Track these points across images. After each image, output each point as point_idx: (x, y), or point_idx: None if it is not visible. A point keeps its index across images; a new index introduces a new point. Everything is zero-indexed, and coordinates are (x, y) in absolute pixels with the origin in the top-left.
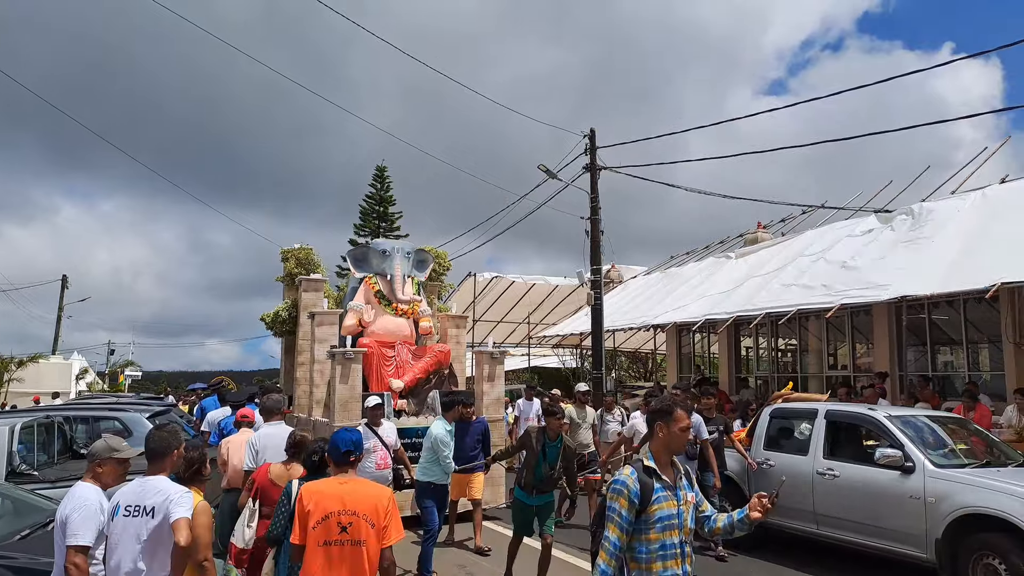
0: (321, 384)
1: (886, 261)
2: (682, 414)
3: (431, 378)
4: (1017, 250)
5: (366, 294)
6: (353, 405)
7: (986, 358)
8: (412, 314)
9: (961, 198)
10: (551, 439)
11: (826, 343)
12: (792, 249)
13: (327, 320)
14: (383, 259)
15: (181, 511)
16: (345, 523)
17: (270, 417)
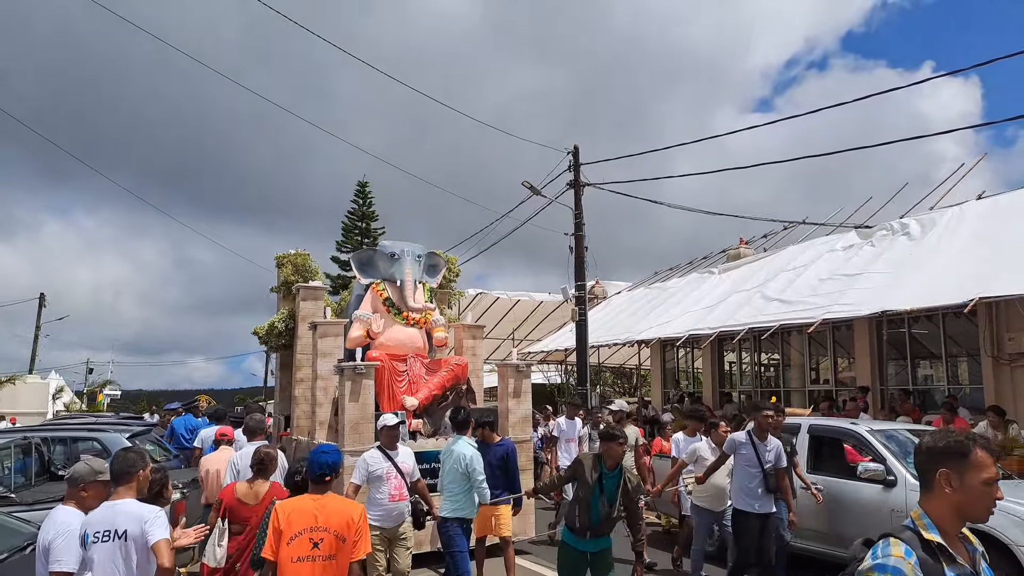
0: (325, 403)
1: (866, 276)
2: (985, 458)
3: (447, 395)
4: (994, 265)
5: (373, 302)
6: (364, 427)
7: (965, 371)
8: (425, 324)
9: (940, 214)
10: (608, 469)
11: (808, 358)
12: (774, 265)
13: (331, 331)
14: (391, 263)
15: (160, 532)
16: (317, 539)
17: (253, 437)
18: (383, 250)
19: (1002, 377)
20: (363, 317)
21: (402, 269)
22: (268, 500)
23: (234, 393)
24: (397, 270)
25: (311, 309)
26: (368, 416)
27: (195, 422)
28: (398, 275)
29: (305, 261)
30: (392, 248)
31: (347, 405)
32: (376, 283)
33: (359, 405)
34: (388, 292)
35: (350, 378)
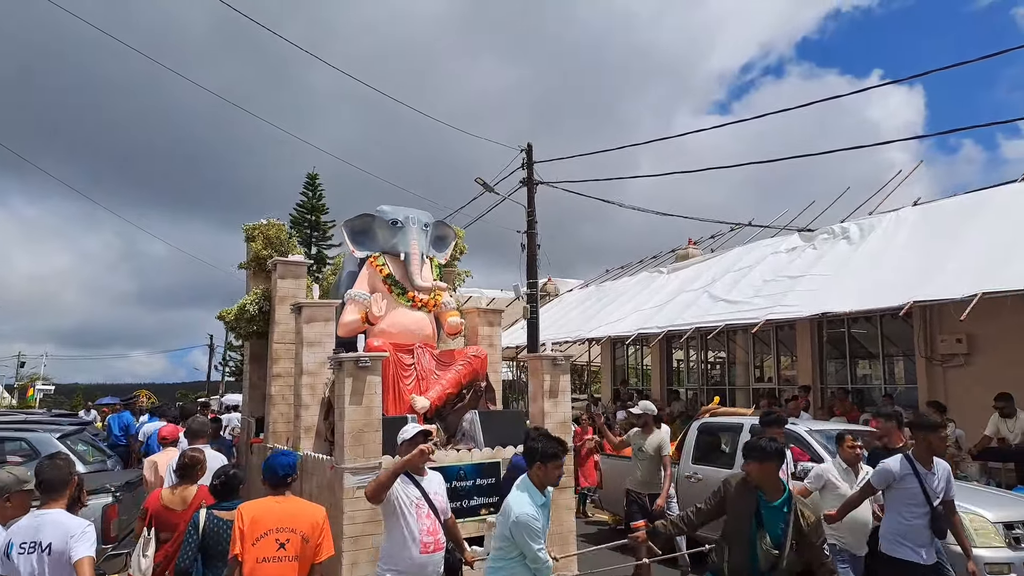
0: (312, 404)
1: (809, 278)
2: None
3: (464, 394)
4: (928, 269)
5: (371, 279)
6: (369, 436)
7: (901, 371)
8: (434, 307)
9: (878, 219)
10: (769, 499)
11: (753, 356)
12: (721, 265)
13: (319, 315)
14: (393, 232)
15: (84, 549)
16: (283, 540)
17: (195, 440)
18: (382, 216)
19: (934, 377)
20: (359, 297)
21: (407, 239)
22: (196, 504)
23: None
24: (401, 240)
25: (291, 288)
26: (374, 422)
27: (130, 419)
28: (402, 246)
29: (279, 233)
30: (394, 214)
31: (347, 408)
32: (374, 256)
33: (363, 408)
34: (389, 267)
35: (351, 373)
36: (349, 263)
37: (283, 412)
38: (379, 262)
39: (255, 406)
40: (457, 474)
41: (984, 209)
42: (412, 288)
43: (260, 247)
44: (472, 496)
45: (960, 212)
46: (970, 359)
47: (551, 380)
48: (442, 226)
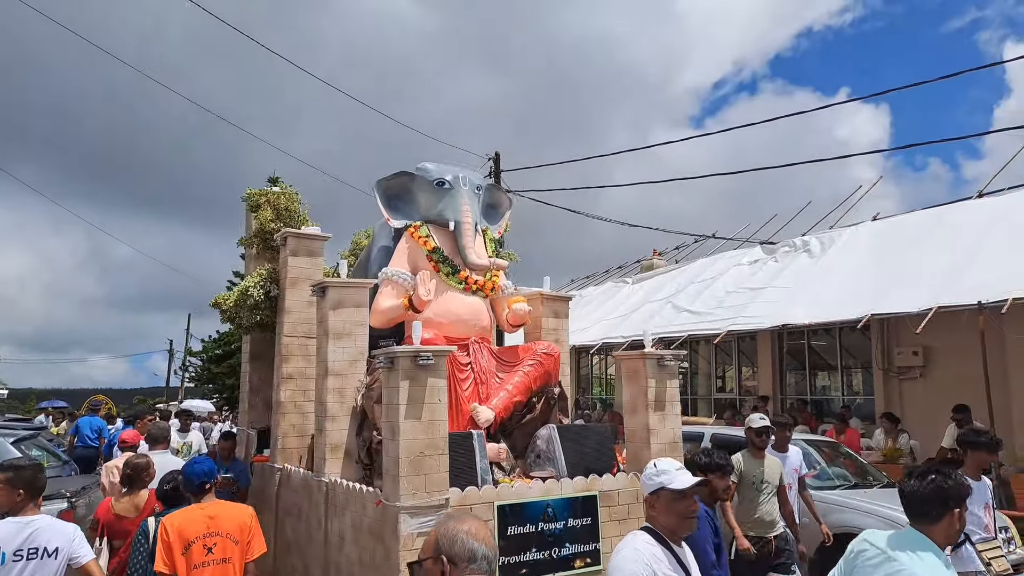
0: (340, 415)
1: (770, 290)
2: None
3: (533, 402)
4: (886, 283)
5: (412, 255)
6: (433, 462)
7: (859, 383)
8: (491, 290)
9: (838, 233)
10: None
11: (715, 366)
12: (684, 276)
13: (351, 298)
14: (439, 196)
15: (88, 552)
16: (211, 544)
17: (155, 445)
18: (425, 175)
19: (891, 388)
20: (398, 277)
21: (457, 204)
22: (148, 509)
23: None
24: (449, 206)
25: (306, 268)
26: (438, 442)
27: (102, 423)
28: (451, 213)
29: (291, 202)
30: (440, 173)
31: (402, 423)
32: (415, 226)
33: (424, 424)
34: (434, 240)
35: (409, 375)
36: (381, 235)
37: (295, 424)
38: (422, 233)
39: (255, 415)
40: (543, 513)
41: (940, 225)
42: (465, 266)
43: (268, 218)
44: (563, 543)
45: (917, 228)
46: (926, 371)
47: (657, 386)
48: (495, 191)
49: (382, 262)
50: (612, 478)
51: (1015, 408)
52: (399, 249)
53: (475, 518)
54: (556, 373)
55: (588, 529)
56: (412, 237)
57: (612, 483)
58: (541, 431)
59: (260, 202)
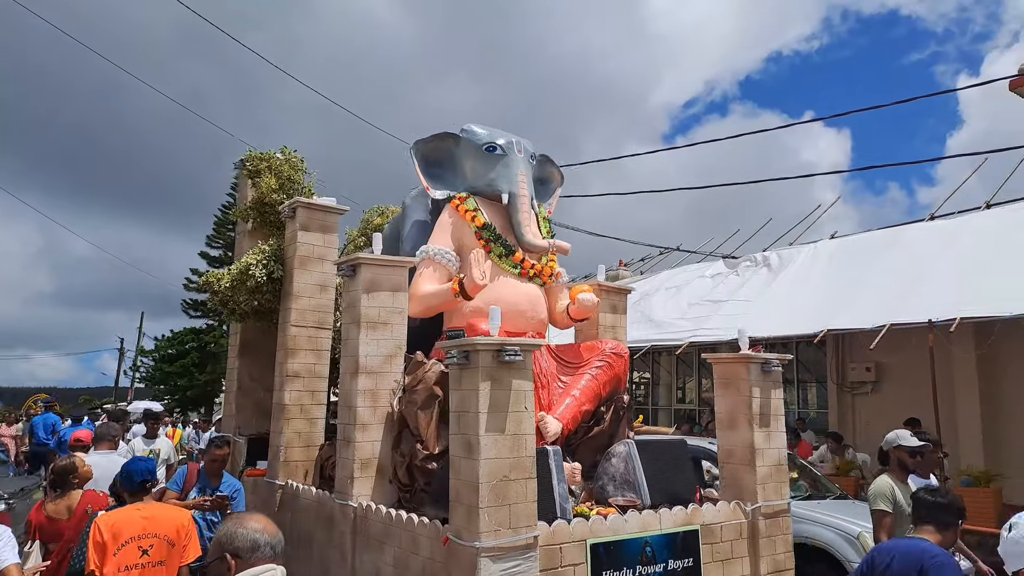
0: (373, 424)
1: (731, 304)
2: None
3: (601, 412)
4: (841, 299)
5: (457, 231)
6: (520, 488)
7: (814, 396)
8: (550, 277)
9: (798, 250)
10: None
11: (675, 378)
12: (648, 287)
13: (388, 279)
14: (490, 163)
15: (12, 556)
16: (146, 546)
17: (99, 445)
18: (472, 138)
19: (844, 403)
20: (441, 257)
21: (512, 174)
22: (82, 510)
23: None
24: (502, 175)
25: (318, 247)
26: (525, 464)
27: (56, 420)
28: (504, 183)
29: (293, 170)
30: (490, 137)
31: (482, 438)
32: (460, 197)
33: (509, 439)
34: (483, 216)
35: (492, 374)
36: (415, 208)
37: (300, 431)
38: (468, 206)
39: (244, 420)
40: (642, 553)
41: (895, 245)
42: (523, 247)
43: (270, 186)
44: None
45: (873, 247)
46: (878, 387)
47: (762, 397)
48: (546, 164)
49: (417, 240)
50: (714, 509)
51: (961, 423)
52: (441, 224)
53: (253, 515)
54: (625, 378)
55: (690, 573)
56: (457, 211)
57: (714, 515)
58: (617, 448)
59: (260, 168)
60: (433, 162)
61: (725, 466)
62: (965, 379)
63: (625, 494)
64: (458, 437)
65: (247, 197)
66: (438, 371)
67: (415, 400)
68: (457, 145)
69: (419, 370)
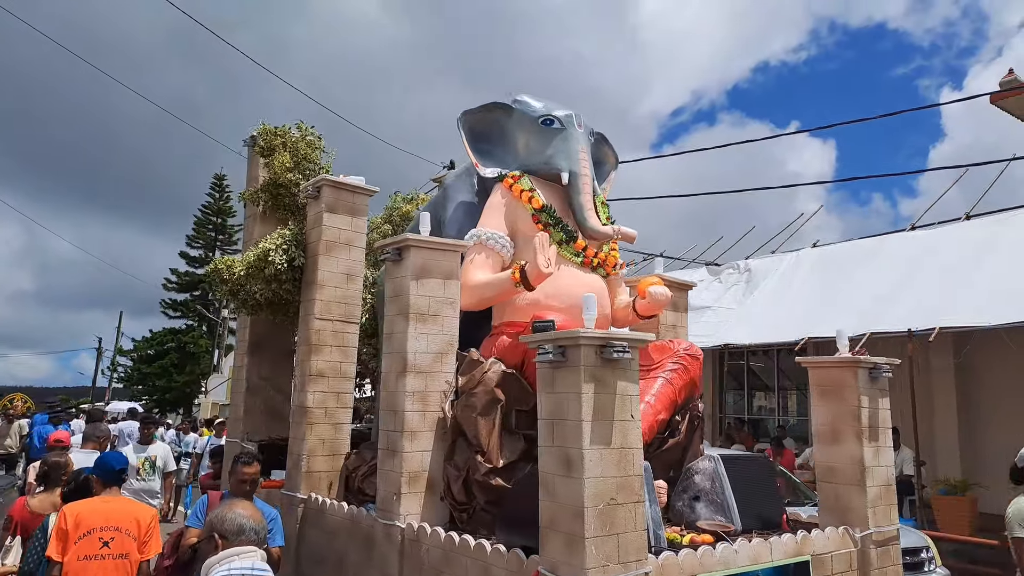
0: (422, 431)
1: (713, 311)
2: None
3: (677, 421)
4: (822, 307)
5: (511, 214)
6: (628, 516)
7: (794, 403)
8: (613, 268)
9: (780, 258)
10: None
11: None
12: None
13: (440, 264)
14: (546, 138)
15: None
16: (107, 538)
17: (85, 445)
18: (527, 111)
19: None
20: (494, 242)
21: (572, 150)
22: None
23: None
24: (560, 152)
25: (345, 231)
26: (634, 483)
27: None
28: (563, 162)
29: (310, 149)
30: (546, 109)
31: (586, 452)
32: (513, 176)
33: (616, 454)
34: (541, 198)
35: (595, 375)
36: (459, 187)
37: (325, 438)
38: (523, 185)
39: (254, 423)
40: None
41: (876, 255)
42: (584, 233)
43: (284, 165)
44: None
45: (854, 256)
46: None
47: (871, 407)
48: (602, 143)
49: (463, 223)
50: (823, 536)
51: (938, 432)
52: (492, 205)
53: (241, 501)
54: (700, 383)
55: None
56: (510, 191)
57: (823, 543)
58: (700, 464)
59: (274, 144)
60: (481, 136)
61: (825, 485)
62: (943, 388)
63: (714, 516)
64: (552, 450)
65: (257, 177)
66: (499, 371)
67: (473, 404)
68: (509, 117)
69: (475, 370)
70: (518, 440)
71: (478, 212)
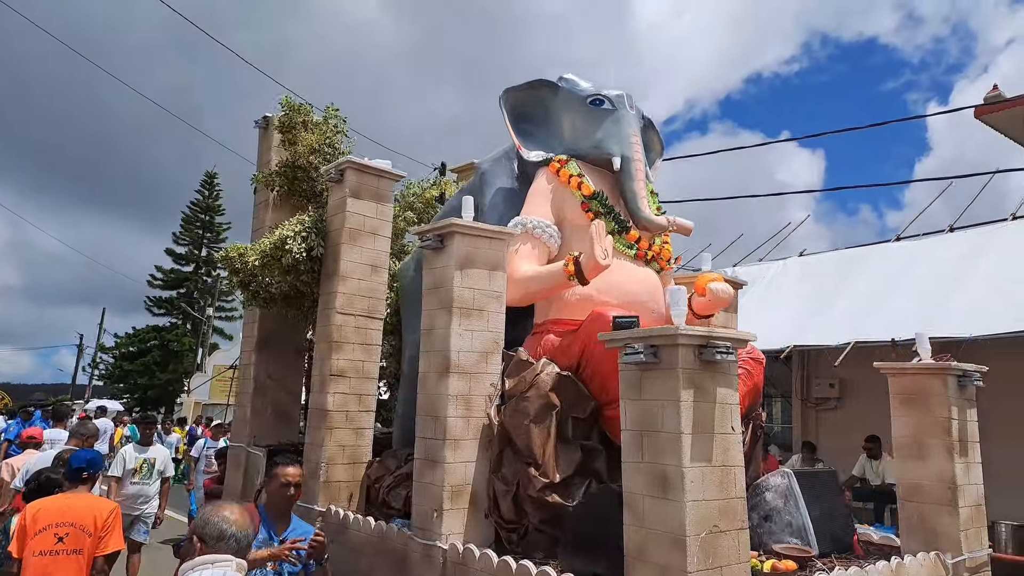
0: (466, 439)
1: None
2: None
3: (741, 432)
4: (808, 316)
5: (558, 201)
6: (731, 545)
7: (779, 411)
8: (668, 262)
9: (767, 266)
10: None
11: None
12: None
13: (486, 253)
14: (596, 120)
15: None
16: (62, 534)
17: (71, 441)
18: (574, 90)
19: (808, 418)
20: (541, 231)
21: (623, 134)
22: None
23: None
24: (611, 135)
25: (370, 218)
26: (737, 506)
27: None
28: (614, 146)
29: (334, 133)
30: (594, 89)
31: (686, 469)
32: (557, 160)
33: (718, 472)
34: (591, 185)
35: (694, 379)
36: (496, 173)
37: (345, 444)
38: (571, 170)
39: (260, 427)
40: None
41: (861, 264)
42: (639, 224)
43: (310, 145)
44: None
45: (840, 265)
46: (841, 403)
47: (960, 418)
48: (649, 129)
49: (504, 211)
50: (917, 564)
51: None
52: (538, 191)
53: (233, 504)
54: (761, 387)
55: None
56: (557, 175)
57: (916, 570)
58: (772, 479)
59: (295, 123)
60: (523, 116)
61: (908, 504)
62: None
63: (787, 539)
64: (640, 467)
65: (270, 160)
66: (553, 373)
67: (525, 410)
68: (554, 96)
69: (525, 372)
70: (575, 451)
71: (519, 199)
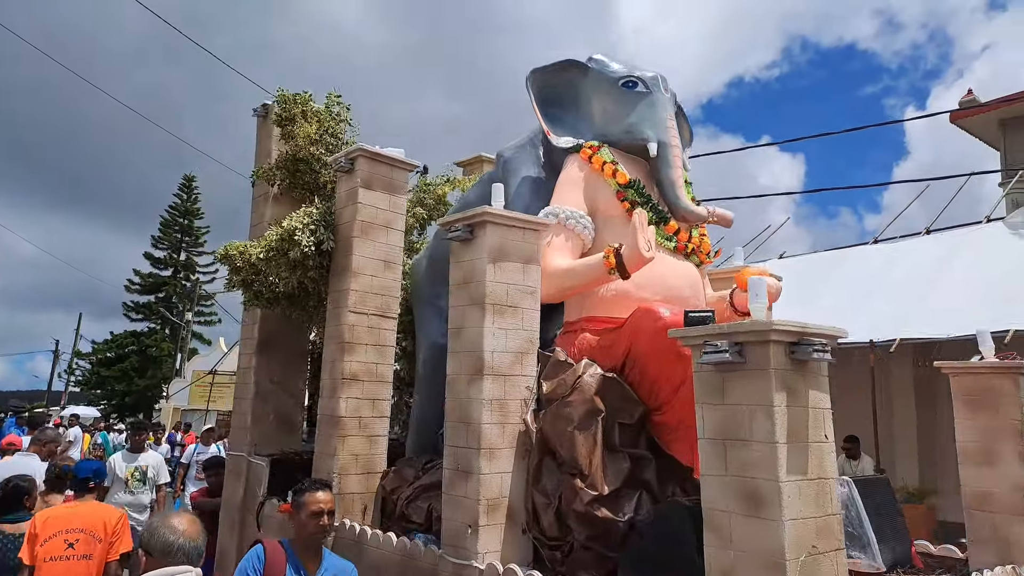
0: (503, 447)
1: None
2: None
3: None
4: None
5: (591, 189)
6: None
7: None
8: (707, 255)
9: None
10: None
11: None
12: None
13: (518, 246)
14: (629, 103)
15: None
16: (72, 540)
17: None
18: (606, 71)
19: None
20: (574, 221)
21: (659, 118)
22: None
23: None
24: (646, 119)
25: (383, 211)
26: (834, 525)
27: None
28: (649, 131)
29: (336, 123)
30: (626, 71)
31: (783, 484)
32: (588, 147)
33: (814, 487)
34: (625, 171)
35: (787, 380)
36: (521, 160)
37: (359, 454)
38: (604, 157)
39: (261, 435)
40: None
41: (840, 266)
42: (677, 214)
43: (309, 136)
44: None
45: (819, 267)
46: None
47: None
48: (681, 116)
49: (530, 201)
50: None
51: (898, 441)
52: (569, 179)
53: (179, 514)
54: None
55: None
56: (589, 162)
57: None
58: None
59: (295, 114)
60: (550, 100)
61: (976, 514)
62: (903, 398)
63: (854, 554)
64: (723, 481)
65: (270, 152)
66: (598, 375)
67: (568, 416)
68: (584, 77)
69: (565, 374)
70: (623, 460)
71: (545, 188)
